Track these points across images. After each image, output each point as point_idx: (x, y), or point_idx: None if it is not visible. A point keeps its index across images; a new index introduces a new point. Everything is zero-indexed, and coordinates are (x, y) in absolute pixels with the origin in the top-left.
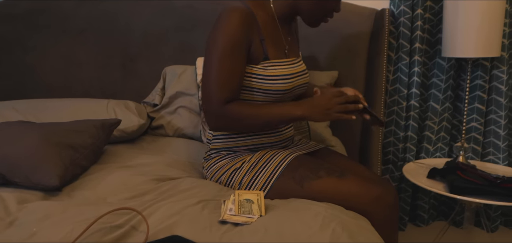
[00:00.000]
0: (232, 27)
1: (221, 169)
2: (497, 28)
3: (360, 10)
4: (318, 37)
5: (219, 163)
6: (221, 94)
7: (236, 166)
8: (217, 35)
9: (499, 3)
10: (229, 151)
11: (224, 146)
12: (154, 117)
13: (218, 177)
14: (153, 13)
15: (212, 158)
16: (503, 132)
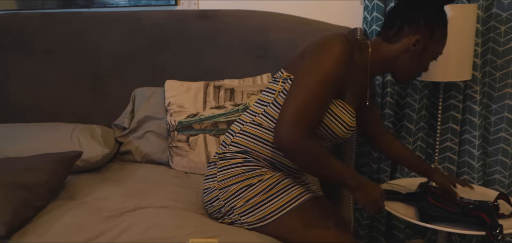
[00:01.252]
0: (337, 58)
1: (234, 177)
2: (468, 52)
3: (331, 29)
4: (287, 56)
5: (234, 169)
6: (307, 125)
7: (251, 182)
8: (321, 59)
9: (469, 28)
10: (246, 156)
11: (244, 147)
12: (122, 142)
13: (228, 184)
14: (122, 33)
15: (227, 158)
16: (477, 152)
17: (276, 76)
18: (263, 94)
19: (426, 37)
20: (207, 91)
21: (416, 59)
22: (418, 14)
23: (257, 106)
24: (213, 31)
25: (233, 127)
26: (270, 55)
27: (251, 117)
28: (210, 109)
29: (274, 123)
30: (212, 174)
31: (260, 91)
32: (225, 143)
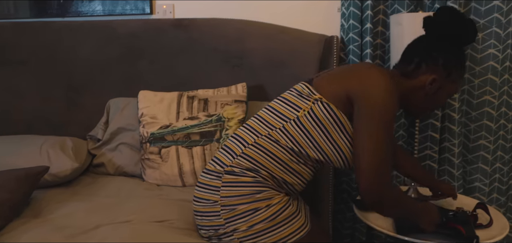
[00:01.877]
0: (394, 98)
1: (242, 198)
2: None
3: (309, 37)
4: (264, 66)
5: (242, 188)
6: (388, 173)
7: (259, 206)
8: (383, 102)
9: None
10: (256, 175)
11: (255, 162)
12: (96, 155)
13: (234, 203)
14: (97, 43)
15: (235, 174)
16: (457, 160)
17: (302, 91)
18: (282, 106)
19: (443, 76)
20: (181, 102)
21: (431, 97)
22: (437, 53)
23: (275, 119)
24: (188, 40)
25: (244, 136)
26: (246, 65)
27: (267, 131)
28: (183, 120)
29: (293, 143)
30: (213, 186)
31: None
32: (233, 153)
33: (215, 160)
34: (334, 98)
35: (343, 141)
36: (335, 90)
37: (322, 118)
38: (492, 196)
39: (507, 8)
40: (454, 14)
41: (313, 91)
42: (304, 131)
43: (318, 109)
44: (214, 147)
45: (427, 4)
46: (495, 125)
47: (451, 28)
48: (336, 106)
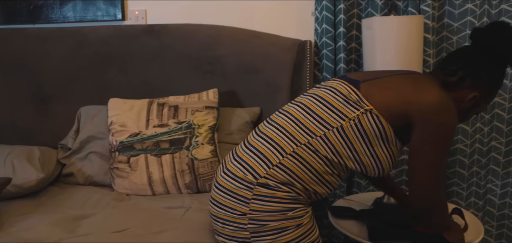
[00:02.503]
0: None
1: (273, 214)
2: (417, 63)
3: (282, 42)
4: (237, 72)
5: (275, 204)
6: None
7: (289, 225)
8: (447, 135)
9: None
10: (290, 190)
11: (292, 174)
12: (66, 164)
13: (264, 219)
14: (68, 50)
15: (270, 188)
16: None
17: (348, 96)
18: (324, 110)
19: (483, 96)
20: (151, 109)
21: (464, 112)
22: (484, 72)
23: (315, 125)
24: (160, 46)
25: (281, 142)
26: (219, 70)
27: (307, 139)
28: (153, 128)
29: (333, 153)
30: (242, 196)
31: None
32: (269, 162)
33: (243, 165)
34: (386, 110)
35: (383, 152)
36: (389, 101)
37: (369, 130)
38: (470, 200)
39: (480, 11)
40: (508, 32)
41: (363, 99)
42: (347, 141)
43: (366, 121)
44: (183, 154)
45: (401, 8)
46: (471, 128)
47: (503, 47)
48: (386, 119)
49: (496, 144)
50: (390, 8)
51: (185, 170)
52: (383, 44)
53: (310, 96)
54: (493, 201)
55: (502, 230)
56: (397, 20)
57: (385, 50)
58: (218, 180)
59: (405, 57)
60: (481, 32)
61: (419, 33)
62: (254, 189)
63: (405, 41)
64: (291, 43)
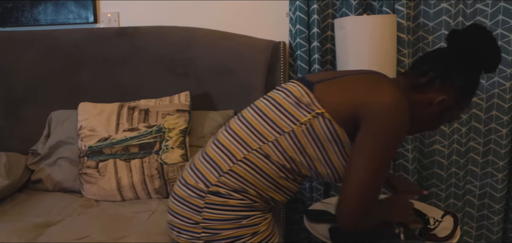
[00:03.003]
0: (404, 131)
1: (227, 223)
2: (391, 63)
3: (255, 43)
4: (210, 74)
5: (228, 212)
6: (374, 206)
7: (245, 233)
8: (396, 127)
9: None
10: (244, 197)
11: (244, 181)
12: (34, 170)
13: (218, 228)
14: (38, 54)
15: (222, 196)
16: (411, 166)
17: (300, 98)
18: (275, 113)
19: (453, 100)
20: (121, 113)
21: (434, 117)
22: (457, 75)
23: (267, 130)
24: (133, 49)
25: (232, 148)
26: (192, 73)
27: (259, 144)
28: (123, 132)
29: (285, 158)
30: (194, 205)
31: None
32: (219, 169)
33: (196, 172)
34: (338, 113)
35: (338, 158)
36: (340, 103)
37: (321, 134)
38: (448, 201)
39: (455, 10)
40: (485, 36)
41: (314, 102)
42: (299, 146)
43: (317, 125)
44: (153, 159)
45: (376, 7)
46: (449, 129)
47: (479, 51)
48: (338, 123)
49: (474, 144)
50: (365, 8)
51: (154, 174)
52: (355, 44)
53: (265, 100)
54: (472, 202)
55: (481, 231)
56: (369, 20)
57: (358, 50)
58: (174, 188)
59: (379, 57)
60: (460, 34)
61: (392, 32)
62: (206, 198)
63: (378, 41)
64: (265, 44)
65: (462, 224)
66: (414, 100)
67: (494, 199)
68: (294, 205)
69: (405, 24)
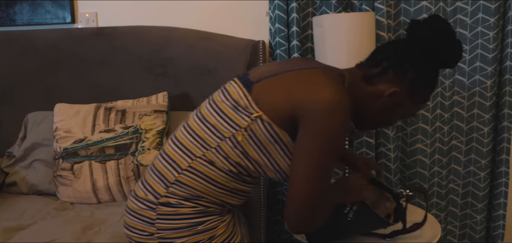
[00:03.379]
0: (347, 123)
1: (181, 231)
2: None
3: (234, 43)
4: (189, 74)
5: (180, 221)
6: (322, 206)
7: (201, 239)
8: (334, 130)
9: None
10: (196, 204)
11: (193, 190)
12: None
13: (172, 237)
14: (15, 54)
15: (172, 205)
16: (393, 165)
17: (238, 101)
18: (216, 119)
19: (406, 93)
20: (97, 114)
21: (385, 111)
22: (410, 65)
23: (210, 136)
24: (111, 49)
25: (175, 158)
26: (171, 73)
27: (202, 151)
28: (99, 134)
29: (230, 163)
30: (147, 217)
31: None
32: (165, 180)
33: (145, 185)
34: (276, 114)
35: (283, 159)
36: (277, 104)
37: (262, 138)
38: (431, 200)
39: (435, 8)
40: (444, 28)
41: (252, 104)
42: (242, 151)
43: (258, 129)
44: (128, 160)
45: (357, 5)
46: (430, 128)
47: (436, 41)
48: (278, 124)
49: (457, 143)
50: (345, 7)
51: (130, 176)
52: (333, 42)
53: (208, 103)
54: (455, 201)
55: (465, 230)
56: (347, 17)
57: (336, 48)
58: (127, 203)
59: (358, 55)
60: (420, 26)
61: (371, 30)
62: (157, 209)
63: (356, 39)
64: (245, 44)
65: (445, 223)
66: (366, 92)
67: (477, 197)
68: (275, 205)
69: (385, 23)
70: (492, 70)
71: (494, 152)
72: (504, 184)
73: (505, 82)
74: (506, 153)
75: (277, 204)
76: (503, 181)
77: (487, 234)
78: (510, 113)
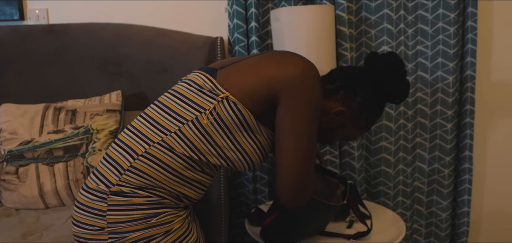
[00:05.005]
0: (319, 85)
1: (135, 224)
2: (330, 57)
3: (192, 40)
4: (145, 72)
5: (134, 212)
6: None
7: (156, 233)
8: (310, 96)
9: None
10: (150, 194)
11: (147, 177)
12: None
13: (125, 231)
14: None
15: (125, 195)
16: (357, 164)
17: (203, 85)
18: (177, 104)
19: (351, 116)
20: (46, 115)
21: (328, 127)
22: (360, 91)
23: (169, 121)
24: (62, 47)
25: (131, 144)
26: (125, 72)
27: (161, 137)
28: (47, 135)
29: (191, 149)
30: (97, 210)
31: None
32: (119, 167)
33: (97, 175)
34: (246, 94)
35: (249, 143)
36: (249, 84)
37: (227, 120)
38: (397, 199)
39: (396, 3)
40: (398, 67)
41: (218, 86)
42: (205, 134)
43: (223, 110)
44: (78, 162)
45: (317, 1)
46: (394, 125)
47: (387, 76)
48: (246, 105)
49: (421, 140)
50: (306, 2)
51: (79, 179)
52: (292, 37)
53: (167, 93)
54: (420, 199)
55: (430, 228)
56: (305, 10)
57: (294, 43)
58: (77, 197)
59: (318, 50)
60: (375, 56)
61: (330, 24)
62: (108, 199)
63: (315, 33)
64: (203, 41)
65: (411, 222)
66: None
67: (442, 195)
68: (238, 208)
69: (346, 17)
70: (454, 66)
71: (458, 148)
72: (468, 181)
73: (467, 78)
74: (469, 149)
75: (240, 206)
76: (467, 178)
77: (453, 231)
78: (473, 109)
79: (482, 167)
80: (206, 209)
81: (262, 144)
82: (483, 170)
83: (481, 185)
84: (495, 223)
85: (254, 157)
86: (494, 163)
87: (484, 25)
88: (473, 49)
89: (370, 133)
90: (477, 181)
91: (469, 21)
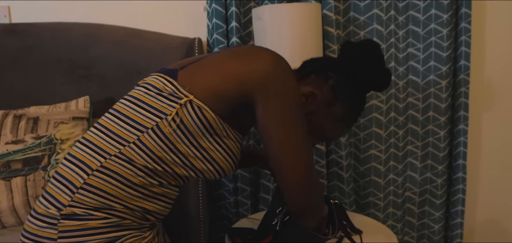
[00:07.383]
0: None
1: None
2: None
3: (168, 40)
4: (117, 76)
5: (88, 237)
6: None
7: None
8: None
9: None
10: (108, 215)
11: (104, 195)
12: None
13: None
14: None
15: (79, 218)
16: (346, 174)
17: (163, 89)
18: (135, 111)
19: (324, 99)
20: (4, 123)
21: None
22: (332, 74)
23: (127, 130)
24: (25, 48)
25: (85, 159)
26: (95, 75)
27: (118, 148)
28: (5, 145)
29: (153, 160)
30: (47, 238)
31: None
32: (72, 185)
33: (46, 197)
34: (212, 95)
35: (216, 148)
36: (214, 83)
37: (190, 125)
38: (387, 211)
39: (386, 3)
40: (374, 51)
41: (180, 89)
42: (167, 142)
43: (186, 115)
44: (39, 176)
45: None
46: (385, 132)
47: (362, 61)
48: (212, 107)
49: (412, 148)
50: (290, 2)
51: (40, 194)
52: (275, 37)
53: (122, 100)
54: (412, 211)
55: (422, 241)
56: (289, 8)
57: (277, 43)
58: (24, 225)
59: (303, 51)
60: (350, 44)
61: (317, 24)
62: (58, 225)
63: (300, 33)
64: (179, 42)
65: (402, 234)
66: None
67: (434, 206)
68: (219, 221)
69: (334, 18)
70: (447, 70)
71: (451, 156)
72: (462, 191)
73: (460, 83)
74: (462, 158)
75: (220, 220)
76: (461, 188)
77: None
78: (466, 115)
79: (475, 175)
80: (182, 224)
81: (231, 148)
82: (477, 179)
83: (475, 194)
84: (488, 234)
85: (224, 163)
86: (488, 172)
87: (479, 27)
88: (467, 52)
89: (359, 141)
90: (470, 190)
91: (463, 22)
